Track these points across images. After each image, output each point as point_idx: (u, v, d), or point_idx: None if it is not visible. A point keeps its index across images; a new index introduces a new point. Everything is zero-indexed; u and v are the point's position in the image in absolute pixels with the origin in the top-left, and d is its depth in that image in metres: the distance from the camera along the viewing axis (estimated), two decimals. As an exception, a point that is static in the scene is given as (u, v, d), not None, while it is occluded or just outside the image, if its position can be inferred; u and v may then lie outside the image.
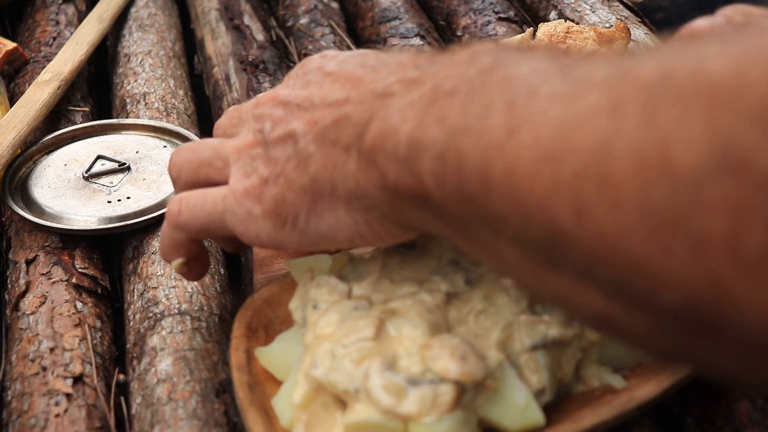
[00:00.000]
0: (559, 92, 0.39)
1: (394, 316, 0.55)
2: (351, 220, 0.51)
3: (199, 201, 0.56)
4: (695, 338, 0.37)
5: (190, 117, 0.91)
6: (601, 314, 0.40)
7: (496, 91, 0.42)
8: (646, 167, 0.35)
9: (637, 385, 0.55)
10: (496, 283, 0.56)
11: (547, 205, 0.38)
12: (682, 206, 0.34)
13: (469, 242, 0.46)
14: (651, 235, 0.35)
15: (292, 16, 1.06)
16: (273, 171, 0.53)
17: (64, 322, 0.67)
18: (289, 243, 0.54)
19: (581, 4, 1.00)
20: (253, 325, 0.61)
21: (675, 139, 0.34)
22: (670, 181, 0.34)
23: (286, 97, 0.55)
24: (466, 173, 0.42)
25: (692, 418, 0.58)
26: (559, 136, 0.38)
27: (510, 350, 0.54)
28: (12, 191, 0.79)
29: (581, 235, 0.37)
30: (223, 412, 0.59)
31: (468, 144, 0.42)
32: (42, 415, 0.60)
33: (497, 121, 0.41)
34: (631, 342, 0.44)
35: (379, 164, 0.48)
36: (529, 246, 0.41)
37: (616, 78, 0.38)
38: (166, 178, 0.79)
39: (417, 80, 0.48)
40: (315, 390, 0.53)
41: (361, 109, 0.50)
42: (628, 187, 0.35)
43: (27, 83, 0.92)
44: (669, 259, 0.34)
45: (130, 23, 1.05)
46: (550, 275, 0.41)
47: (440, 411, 0.50)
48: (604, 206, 0.36)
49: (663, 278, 0.35)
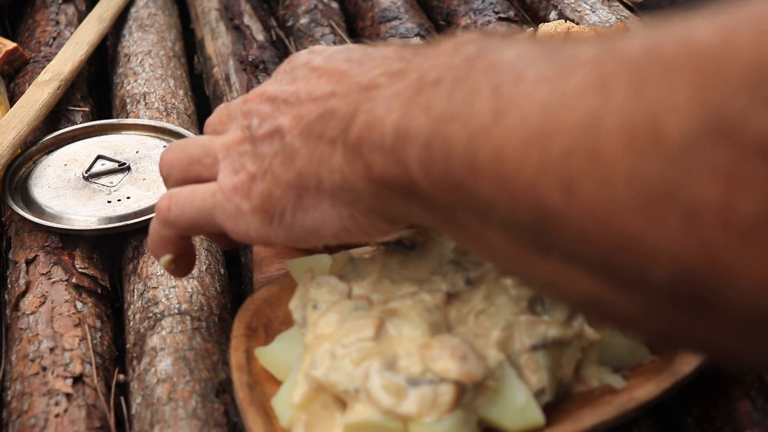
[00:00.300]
0: (546, 74, 0.39)
1: (394, 316, 0.55)
2: (336, 215, 0.51)
3: (189, 197, 0.57)
4: (688, 316, 0.36)
5: (190, 117, 0.91)
6: (591, 297, 0.40)
7: (481, 77, 0.42)
8: (636, 140, 0.34)
9: (637, 385, 0.55)
10: (496, 283, 0.56)
11: (535, 185, 0.38)
12: (672, 177, 0.33)
13: (457, 231, 0.46)
14: (642, 209, 0.34)
15: (292, 16, 1.06)
16: (261, 167, 0.53)
17: (64, 322, 0.67)
18: (277, 239, 0.54)
19: (581, 4, 1.00)
20: (253, 325, 0.61)
21: (664, 109, 0.34)
22: (660, 152, 0.34)
23: (273, 93, 0.55)
24: (453, 159, 0.42)
25: (692, 418, 0.58)
26: (547, 116, 0.38)
27: (510, 350, 0.54)
28: (12, 191, 0.79)
29: (570, 215, 0.37)
30: (223, 412, 0.59)
31: (454, 130, 0.42)
32: (42, 415, 0.60)
33: (484, 106, 0.41)
34: (623, 325, 0.44)
35: (365, 156, 0.47)
36: (516, 231, 0.41)
37: (603, 56, 0.38)
38: (166, 178, 0.79)
39: (402, 71, 0.48)
40: (315, 390, 0.53)
41: (346, 102, 0.50)
42: (617, 162, 0.35)
43: (27, 83, 0.92)
44: (660, 232, 0.34)
45: (130, 23, 1.05)
46: (538, 260, 0.41)
47: (440, 411, 0.50)
48: (593, 183, 0.36)
49: (654, 253, 0.35)
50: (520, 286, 0.56)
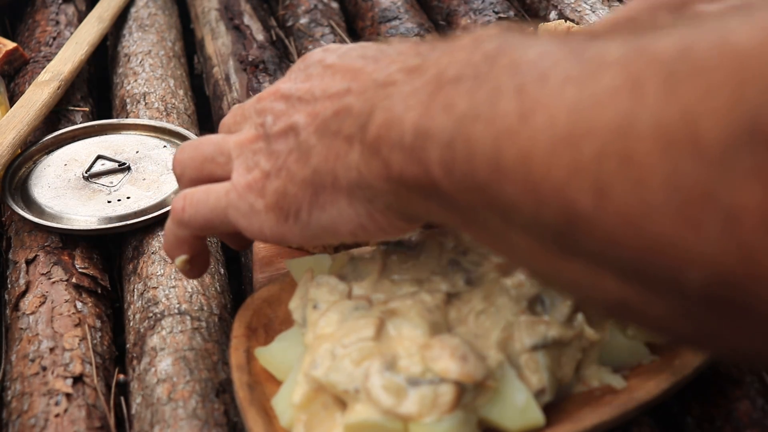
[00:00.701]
0: (572, 73, 0.39)
1: (394, 316, 0.55)
2: (353, 212, 0.51)
3: (203, 197, 0.56)
4: (719, 318, 0.36)
5: (190, 117, 0.91)
6: (618, 299, 0.39)
7: (504, 76, 0.42)
8: (672, 143, 0.34)
9: (637, 385, 0.55)
10: (496, 283, 0.56)
11: (564, 188, 0.37)
12: (711, 180, 0.33)
13: (477, 231, 0.46)
14: (679, 212, 0.34)
15: (292, 16, 1.06)
16: (275, 164, 0.53)
17: (64, 322, 0.67)
18: (292, 237, 0.53)
19: (581, 4, 1.00)
20: (253, 324, 0.61)
21: (700, 112, 0.33)
22: (698, 156, 0.33)
23: (288, 91, 0.54)
24: (477, 161, 0.41)
25: (692, 418, 0.58)
26: (577, 118, 0.37)
27: (510, 350, 0.54)
28: (12, 191, 0.79)
29: (602, 218, 0.36)
30: (223, 412, 0.59)
31: (478, 131, 0.41)
32: (42, 415, 0.60)
33: (508, 107, 0.40)
34: (648, 326, 0.44)
35: (383, 155, 0.47)
36: (541, 233, 0.40)
37: (632, 55, 0.37)
38: (166, 178, 0.79)
39: (419, 68, 0.47)
40: (315, 390, 0.53)
41: (362, 100, 0.49)
42: (653, 165, 0.35)
43: (27, 83, 0.92)
44: (698, 236, 0.34)
45: (130, 23, 1.05)
46: (562, 262, 0.40)
47: (440, 411, 0.50)
48: (627, 185, 0.35)
49: (690, 256, 0.34)
50: (520, 286, 0.56)
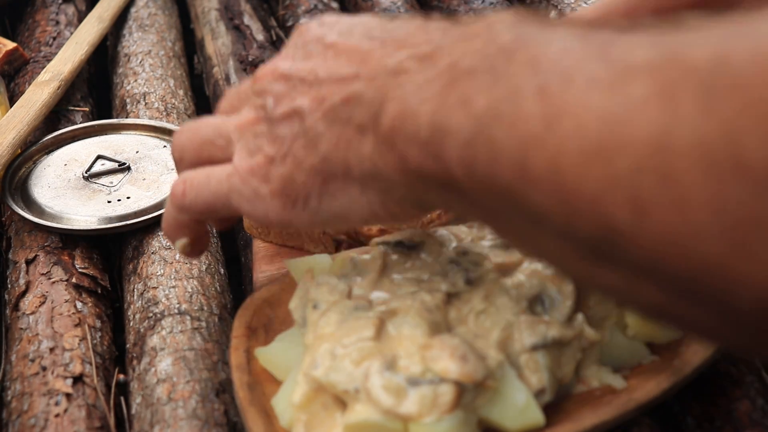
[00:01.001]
0: (598, 77, 0.37)
1: (394, 316, 0.55)
2: (366, 201, 0.49)
3: (204, 180, 0.55)
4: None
5: (190, 117, 0.91)
6: (661, 307, 0.38)
7: (523, 74, 0.40)
8: (714, 163, 0.33)
9: (637, 385, 0.55)
10: (496, 283, 0.56)
11: (599, 202, 0.36)
12: (759, 204, 0.32)
13: (502, 228, 0.45)
14: (726, 235, 0.33)
15: (292, 16, 1.06)
16: (279, 150, 0.51)
17: (64, 322, 0.67)
18: (299, 222, 0.52)
19: (581, 4, 1.00)
20: (253, 324, 0.61)
21: (742, 130, 0.32)
22: (742, 177, 0.32)
23: (287, 71, 0.52)
24: (501, 164, 0.40)
25: (692, 418, 0.58)
26: (608, 128, 0.36)
27: (510, 350, 0.54)
28: (12, 191, 0.79)
29: (642, 234, 0.35)
30: (223, 412, 0.59)
31: (501, 133, 0.40)
32: (42, 415, 0.60)
33: (532, 109, 0.38)
34: (691, 332, 0.42)
35: (399, 148, 0.45)
36: (575, 241, 0.39)
37: (662, 62, 0.35)
38: (166, 178, 0.79)
39: (431, 56, 0.45)
40: (315, 390, 0.53)
41: (373, 87, 0.47)
42: (694, 183, 0.33)
43: (27, 83, 0.92)
44: (748, 259, 0.33)
45: (130, 23, 1.05)
46: (599, 270, 0.39)
47: (440, 411, 0.50)
48: (668, 203, 0.34)
49: (740, 279, 0.33)
50: (520, 286, 0.56)
